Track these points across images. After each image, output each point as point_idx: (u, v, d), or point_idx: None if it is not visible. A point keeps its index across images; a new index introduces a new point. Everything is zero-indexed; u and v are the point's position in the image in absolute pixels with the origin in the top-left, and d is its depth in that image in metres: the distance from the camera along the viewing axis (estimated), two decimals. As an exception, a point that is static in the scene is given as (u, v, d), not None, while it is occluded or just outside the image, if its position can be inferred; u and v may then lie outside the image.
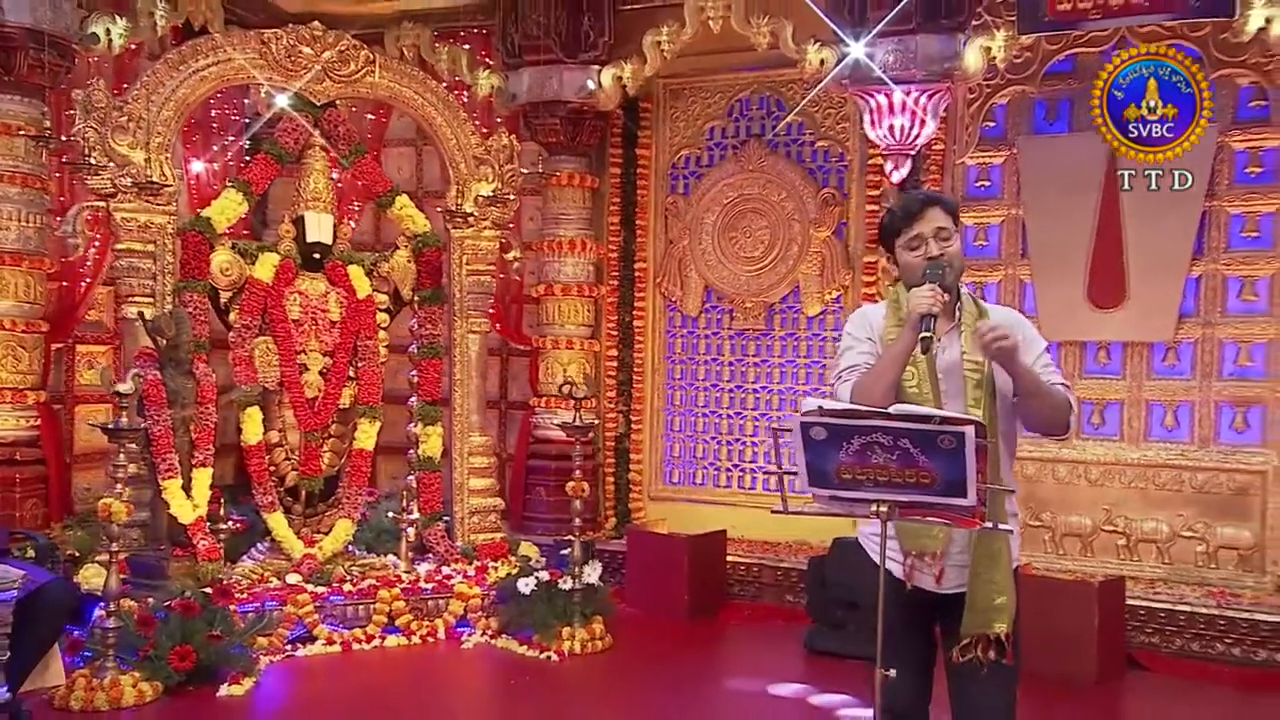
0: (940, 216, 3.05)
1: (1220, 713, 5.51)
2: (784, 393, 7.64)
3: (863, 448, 2.29)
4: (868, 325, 3.14)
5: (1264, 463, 6.35)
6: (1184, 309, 6.53)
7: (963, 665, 2.81)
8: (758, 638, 6.55)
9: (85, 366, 6.60)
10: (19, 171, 5.81)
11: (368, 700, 5.08)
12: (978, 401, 2.76)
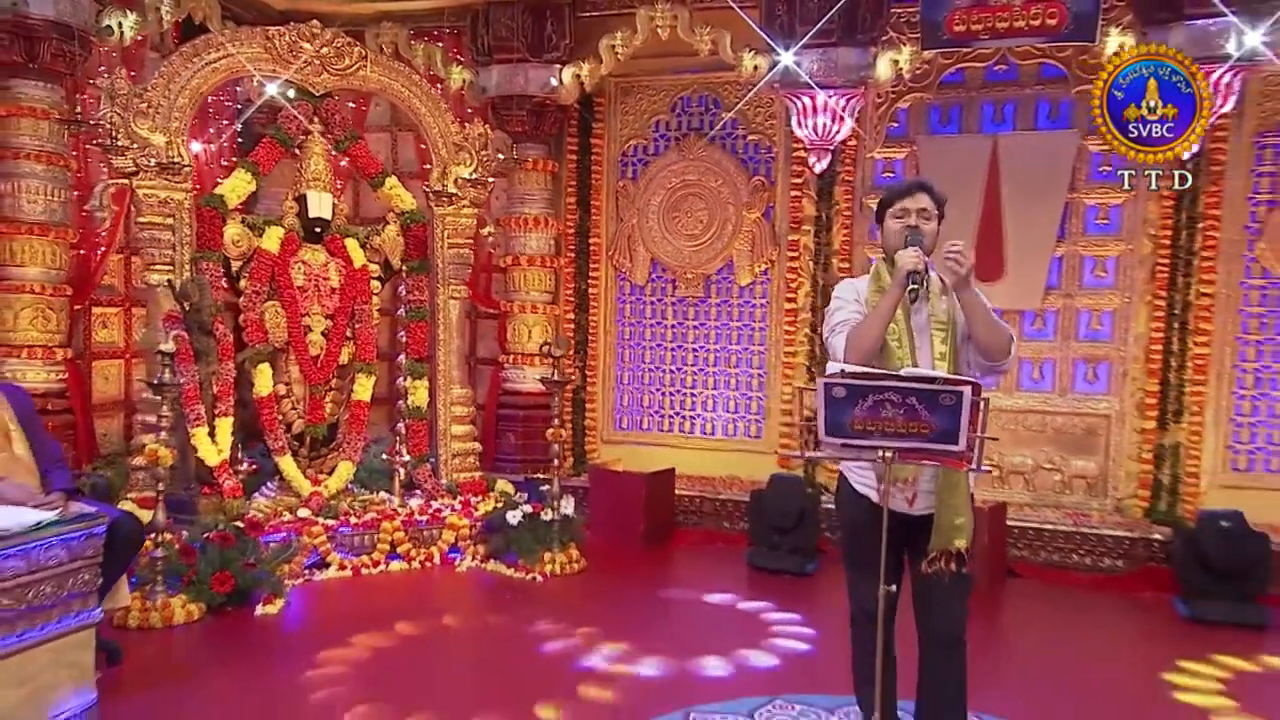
0: (926, 200, 3.25)
1: (1074, 607, 5.83)
2: (719, 352, 7.75)
3: (875, 404, 2.56)
4: (855, 290, 3.35)
5: (1109, 408, 6.88)
6: (1049, 283, 6.97)
7: (929, 575, 3.04)
8: (703, 557, 6.72)
9: (100, 326, 6.57)
10: (44, 150, 5.79)
11: (383, 615, 5.12)
12: (944, 356, 3.04)
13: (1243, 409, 6.65)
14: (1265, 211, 6.54)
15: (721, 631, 5.37)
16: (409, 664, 4.47)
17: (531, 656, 4.70)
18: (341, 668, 4.35)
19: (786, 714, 3.94)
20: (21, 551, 3.24)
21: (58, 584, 3.40)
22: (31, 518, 3.42)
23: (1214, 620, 5.43)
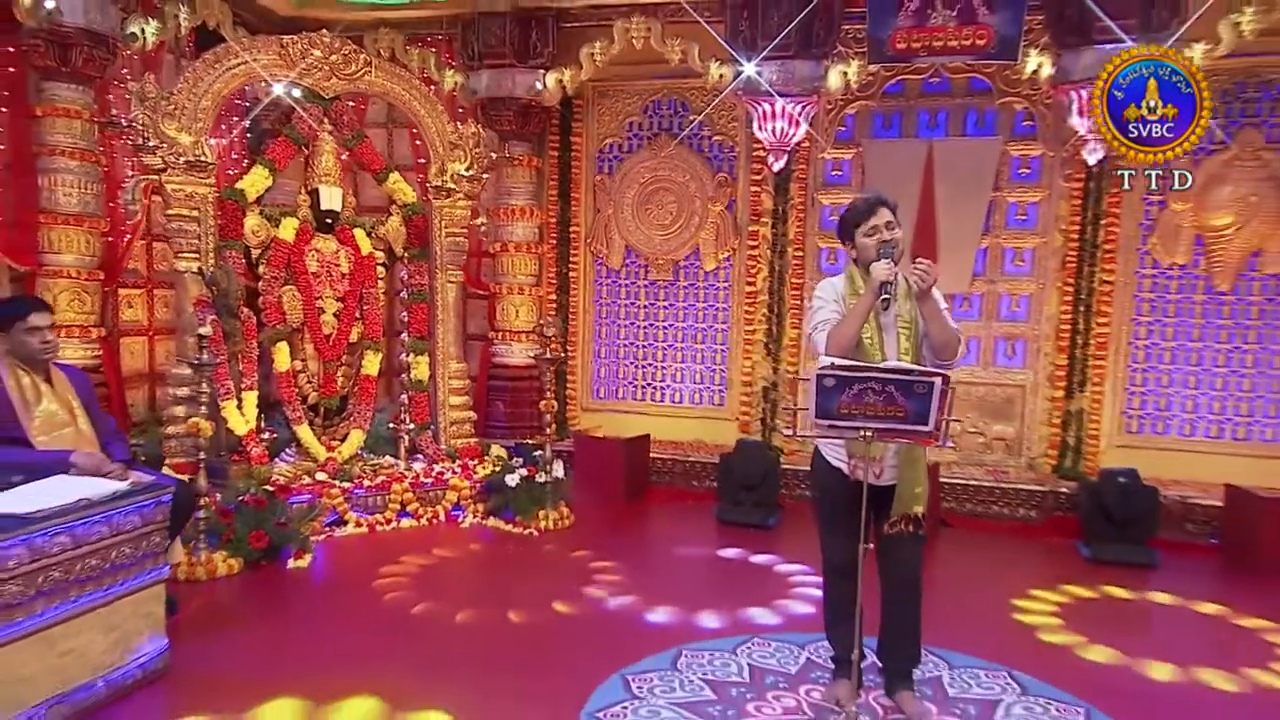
0: (887, 213, 3.37)
1: (996, 552, 6.00)
2: (687, 330, 7.80)
3: (860, 392, 2.76)
4: (834, 291, 3.46)
5: (1024, 380, 7.08)
6: (975, 270, 7.10)
7: (891, 536, 3.26)
8: (676, 513, 6.79)
9: (126, 306, 6.53)
10: (77, 148, 5.71)
11: (400, 565, 5.20)
12: (907, 351, 3.24)
13: (1135, 380, 6.92)
14: (1157, 211, 6.76)
15: (703, 565, 5.57)
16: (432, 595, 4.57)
17: (542, 573, 4.96)
18: (374, 609, 4.48)
19: (764, 649, 4.07)
20: (105, 518, 3.39)
21: (134, 545, 3.55)
22: (109, 488, 3.54)
23: (1110, 560, 5.68)
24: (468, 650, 4.07)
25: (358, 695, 3.55)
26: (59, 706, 2.82)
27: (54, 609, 3.17)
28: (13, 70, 5.49)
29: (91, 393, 4.43)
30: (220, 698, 3.47)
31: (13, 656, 3.01)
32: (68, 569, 3.21)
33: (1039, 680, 3.78)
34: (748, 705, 3.47)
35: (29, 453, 3.86)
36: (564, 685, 3.62)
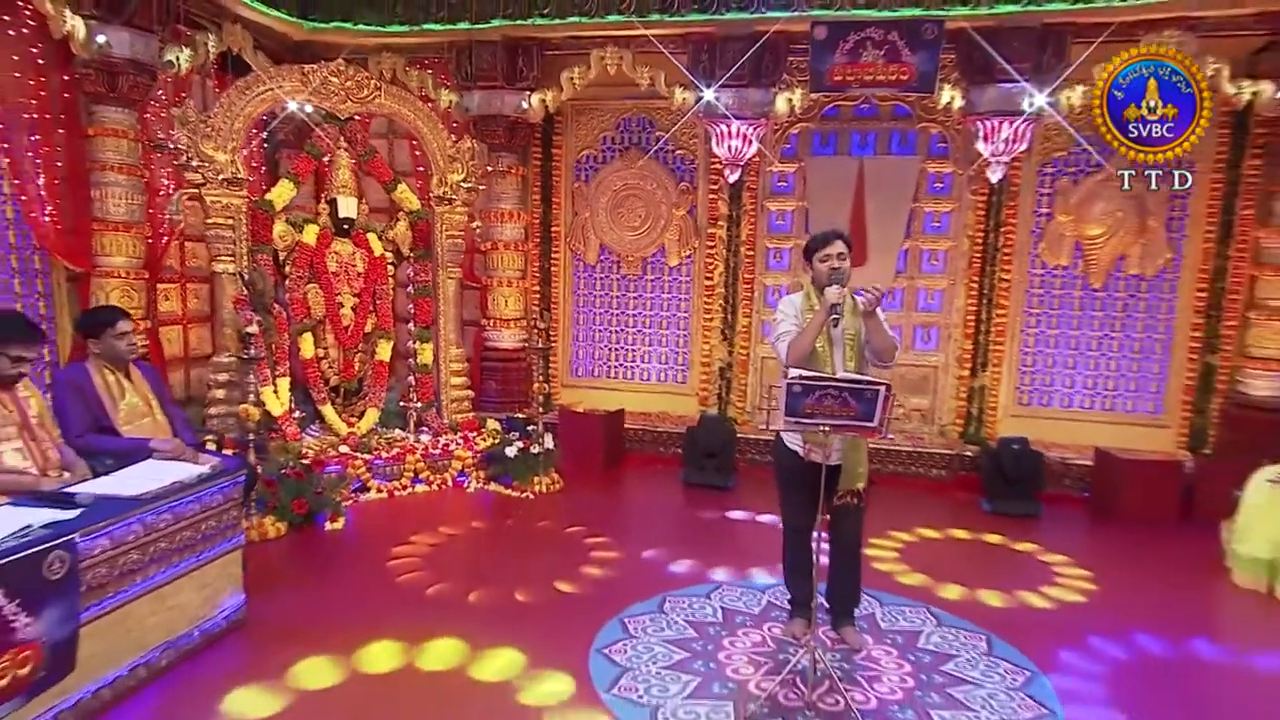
0: (840, 245, 3.60)
1: (918, 506, 6.16)
2: (653, 317, 7.88)
3: (820, 396, 3.06)
4: (793, 307, 3.71)
5: (937, 361, 7.33)
6: (898, 268, 7.26)
7: (838, 506, 3.56)
8: (648, 477, 6.94)
9: (163, 299, 6.56)
10: (124, 164, 5.75)
11: (419, 524, 5.40)
12: (851, 359, 3.57)
13: (1026, 361, 7.19)
14: (1045, 221, 6.99)
15: (677, 523, 5.83)
16: (456, 556, 4.86)
17: (540, 535, 5.17)
18: (413, 565, 4.70)
19: (733, 594, 4.39)
20: (196, 498, 3.65)
21: (218, 519, 3.81)
22: (194, 471, 3.76)
23: (1004, 512, 6.03)
24: (497, 600, 4.29)
25: (441, 637, 3.83)
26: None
27: (162, 573, 3.47)
28: (67, 96, 5.50)
29: (163, 386, 4.65)
30: (302, 642, 3.74)
31: (137, 609, 3.32)
32: (171, 540, 3.51)
33: (950, 613, 4.20)
34: (723, 640, 3.84)
35: (117, 440, 4.08)
36: (576, 627, 3.95)
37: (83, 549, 3.04)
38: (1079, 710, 3.38)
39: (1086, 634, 4.08)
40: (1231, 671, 3.84)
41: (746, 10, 6.43)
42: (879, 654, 3.78)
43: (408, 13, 6.93)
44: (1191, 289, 6.74)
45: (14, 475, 3.49)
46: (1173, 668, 3.81)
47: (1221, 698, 3.59)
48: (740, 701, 3.33)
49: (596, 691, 3.38)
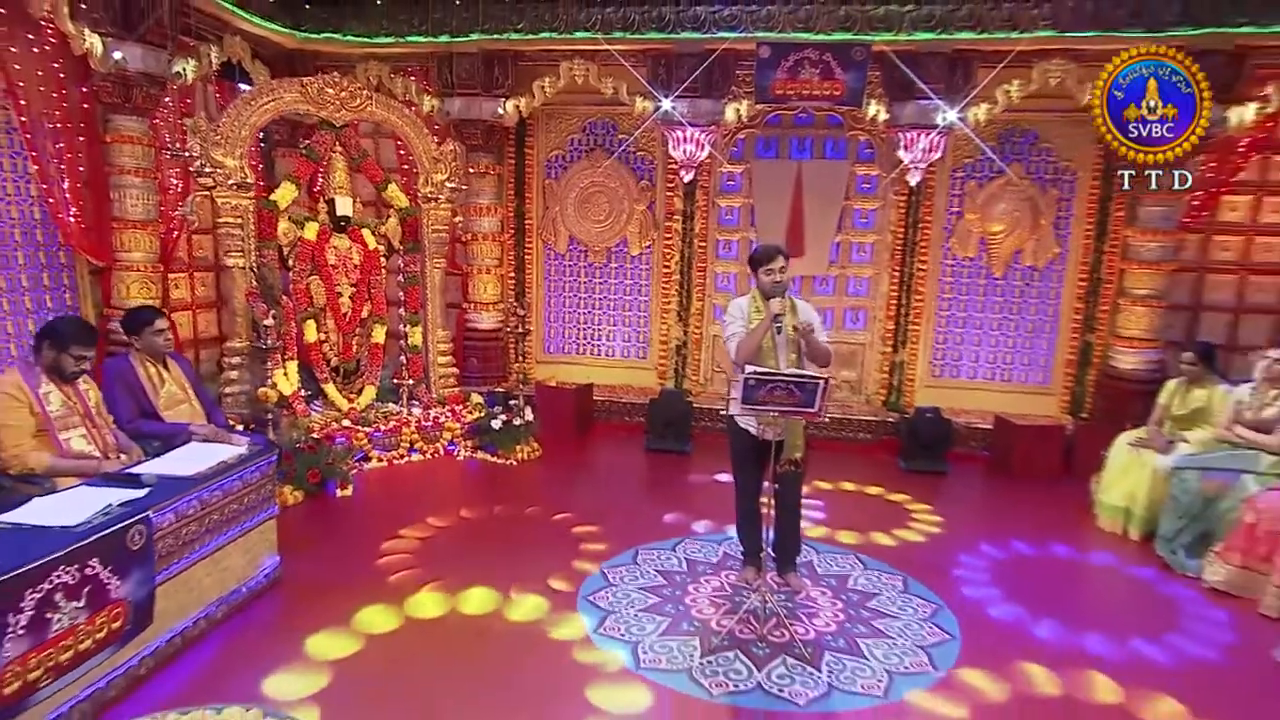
0: (781, 261, 3.87)
1: (844, 465, 6.47)
2: (616, 300, 8.03)
3: (772, 388, 3.39)
4: (741, 310, 3.98)
5: (864, 339, 7.66)
6: (831, 258, 7.52)
7: (782, 473, 3.87)
8: (616, 443, 7.16)
9: (174, 287, 6.59)
10: (140, 168, 5.81)
11: (419, 487, 5.74)
12: (794, 361, 3.88)
13: (939, 339, 7.54)
14: (955, 219, 7.29)
15: (642, 483, 6.19)
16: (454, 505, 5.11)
17: (526, 496, 5.31)
18: (412, 539, 4.94)
19: (695, 546, 4.74)
20: (239, 476, 3.90)
21: (257, 492, 4.07)
22: (234, 452, 4.02)
23: (918, 470, 6.45)
24: (503, 552, 4.64)
25: (475, 585, 4.15)
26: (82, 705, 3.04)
27: (215, 541, 3.75)
28: (86, 107, 5.54)
29: (195, 375, 4.85)
30: (337, 595, 4.03)
31: (196, 572, 3.63)
32: (221, 512, 3.80)
33: (874, 558, 4.67)
34: (688, 586, 4.23)
35: (161, 424, 4.33)
36: (568, 575, 4.32)
37: (155, 523, 3.32)
38: (972, 623, 3.88)
39: (978, 550, 4.64)
40: (1080, 571, 4.41)
41: (699, 31, 6.62)
42: (816, 594, 4.20)
43: (393, 25, 7.00)
44: (1074, 279, 7.20)
45: (83, 459, 3.76)
46: (1039, 569, 4.35)
47: (1077, 591, 4.12)
48: (704, 636, 3.74)
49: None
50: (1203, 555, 4.64)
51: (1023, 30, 6.19)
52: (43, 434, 3.69)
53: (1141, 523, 5.19)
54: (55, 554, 2.82)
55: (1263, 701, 3.47)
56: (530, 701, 3.25)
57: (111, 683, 3.14)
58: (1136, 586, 4.59)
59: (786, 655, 3.58)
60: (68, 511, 3.12)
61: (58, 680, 2.86)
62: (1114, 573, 4.79)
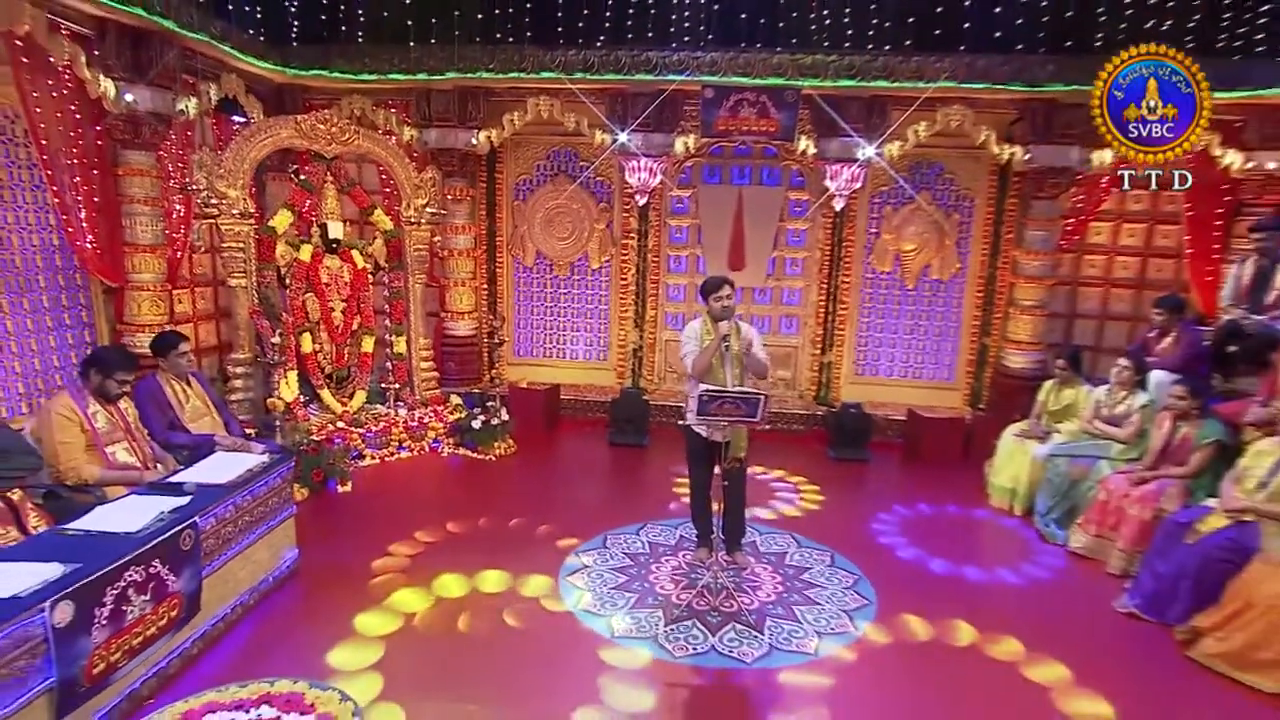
0: (728, 289, 4.17)
1: (782, 453, 6.87)
2: (579, 309, 8.26)
3: (722, 402, 3.77)
4: (694, 331, 4.27)
5: (797, 342, 8.07)
6: (768, 271, 7.91)
7: (727, 469, 4.20)
8: (581, 438, 7.41)
9: (176, 302, 6.64)
10: (148, 197, 5.91)
11: (411, 482, 5.98)
12: (738, 375, 4.20)
13: (861, 342, 7.98)
14: (874, 238, 7.74)
15: (607, 475, 6.47)
16: (444, 498, 5.39)
17: (505, 490, 5.70)
18: (412, 530, 5.21)
19: (655, 531, 5.12)
20: (264, 482, 4.20)
21: (279, 495, 4.38)
22: (259, 460, 4.31)
23: (843, 458, 6.90)
24: (492, 538, 4.98)
25: (488, 569, 4.48)
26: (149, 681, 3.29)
27: (247, 539, 4.06)
28: (100, 143, 5.64)
29: (214, 391, 5.11)
30: (359, 582, 4.34)
31: (233, 566, 3.93)
32: (251, 514, 4.10)
33: (807, 537, 5.17)
34: (651, 565, 4.64)
35: (189, 435, 4.62)
36: (549, 560, 4.71)
37: (201, 526, 3.65)
38: (887, 588, 4.42)
39: (893, 527, 5.20)
40: (974, 543, 5.01)
41: (652, 73, 6.90)
42: (760, 570, 4.66)
43: (375, 63, 7.15)
44: (973, 290, 7.77)
45: (128, 470, 4.04)
46: (942, 542, 4.93)
47: (975, 582, 4.69)
48: (666, 608, 4.17)
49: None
50: (1069, 526, 5.29)
51: (928, 80, 6.70)
52: (92, 449, 3.97)
53: (1023, 500, 5.82)
54: (126, 556, 3.14)
55: (1098, 641, 4.05)
56: (546, 659, 3.67)
57: (171, 662, 3.46)
58: (1016, 550, 5.20)
59: (735, 622, 4.04)
60: (127, 518, 3.43)
61: (131, 661, 3.18)
62: (998, 531, 5.41)
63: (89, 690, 2.94)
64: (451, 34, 7.17)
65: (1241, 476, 4.26)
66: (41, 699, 2.74)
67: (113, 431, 4.06)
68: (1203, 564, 4.08)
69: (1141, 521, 4.74)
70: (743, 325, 4.43)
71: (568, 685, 3.50)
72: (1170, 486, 4.76)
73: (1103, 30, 6.78)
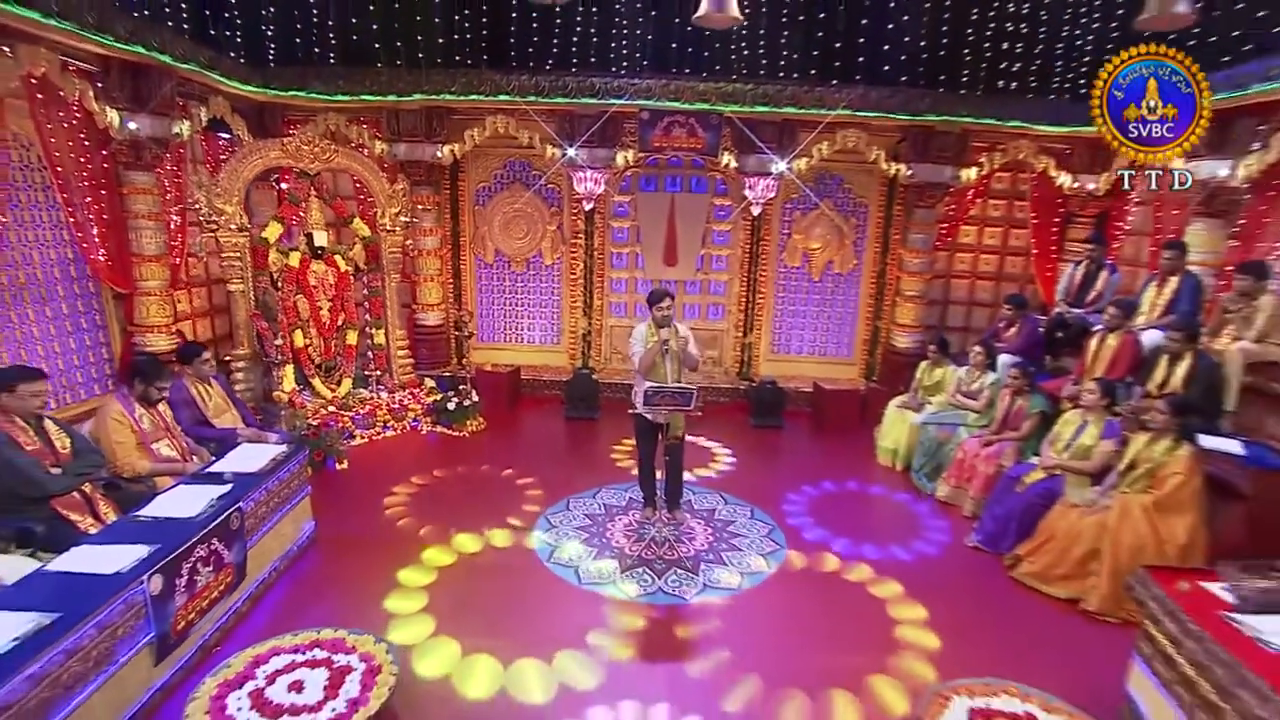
0: (668, 301, 4.56)
1: (711, 422, 7.27)
2: (535, 300, 8.61)
3: (664, 395, 4.35)
4: (641, 334, 4.72)
5: (723, 326, 8.58)
6: (697, 266, 8.40)
7: (668, 444, 4.79)
8: (541, 414, 7.82)
9: (177, 301, 6.70)
10: (151, 213, 6.10)
11: (398, 456, 6.34)
12: (676, 371, 4.73)
13: (776, 326, 8.59)
14: (786, 238, 8.33)
15: (565, 447, 6.92)
16: (428, 470, 5.86)
17: (479, 461, 6.06)
18: (404, 495, 5.67)
19: (609, 495, 5.66)
20: (286, 469, 4.64)
21: (299, 477, 4.81)
22: (280, 450, 4.73)
23: (762, 426, 7.45)
24: (474, 502, 5.48)
25: (495, 527, 4.99)
26: (215, 634, 4.12)
27: (276, 516, 4.52)
28: (106, 166, 5.81)
29: (232, 390, 5.49)
30: (372, 545, 4.80)
31: (266, 540, 4.38)
32: (279, 495, 4.57)
33: (732, 495, 5.85)
34: (607, 524, 5.22)
35: (214, 430, 5.00)
36: (529, 519, 5.27)
37: (244, 508, 4.14)
38: (795, 534, 5.19)
39: (801, 485, 5.96)
40: (864, 496, 5.87)
41: (595, 97, 7.32)
42: (695, 525, 5.28)
43: (349, 85, 7.36)
44: (867, 282, 8.51)
45: (172, 463, 4.46)
46: (839, 497, 5.75)
47: (864, 526, 5.50)
48: (621, 558, 4.81)
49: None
50: (936, 480, 6.20)
51: (829, 108, 7.36)
52: (141, 446, 4.37)
53: (903, 459, 6.70)
54: (194, 537, 3.63)
55: (939, 567, 4.90)
56: (534, 599, 4.30)
57: (228, 618, 3.97)
58: (894, 500, 6.06)
59: (677, 567, 4.72)
60: (184, 505, 3.89)
61: (202, 619, 3.69)
62: (883, 485, 6.28)
63: (175, 642, 3.46)
64: (417, 58, 7.46)
65: (1054, 439, 5.18)
66: (145, 650, 3.25)
67: (156, 430, 4.46)
68: (1025, 508, 5.00)
69: (987, 475, 5.65)
70: (679, 327, 4.94)
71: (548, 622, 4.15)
72: (1008, 447, 5.69)
73: (969, 70, 7.58)
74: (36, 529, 3.50)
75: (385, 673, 3.34)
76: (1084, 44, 7.41)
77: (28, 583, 3.08)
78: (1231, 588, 2.97)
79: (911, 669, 3.80)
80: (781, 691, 3.58)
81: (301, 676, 3.29)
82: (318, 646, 3.55)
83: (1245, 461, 4.43)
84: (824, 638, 4.07)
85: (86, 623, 2.86)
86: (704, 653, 3.90)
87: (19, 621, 2.74)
